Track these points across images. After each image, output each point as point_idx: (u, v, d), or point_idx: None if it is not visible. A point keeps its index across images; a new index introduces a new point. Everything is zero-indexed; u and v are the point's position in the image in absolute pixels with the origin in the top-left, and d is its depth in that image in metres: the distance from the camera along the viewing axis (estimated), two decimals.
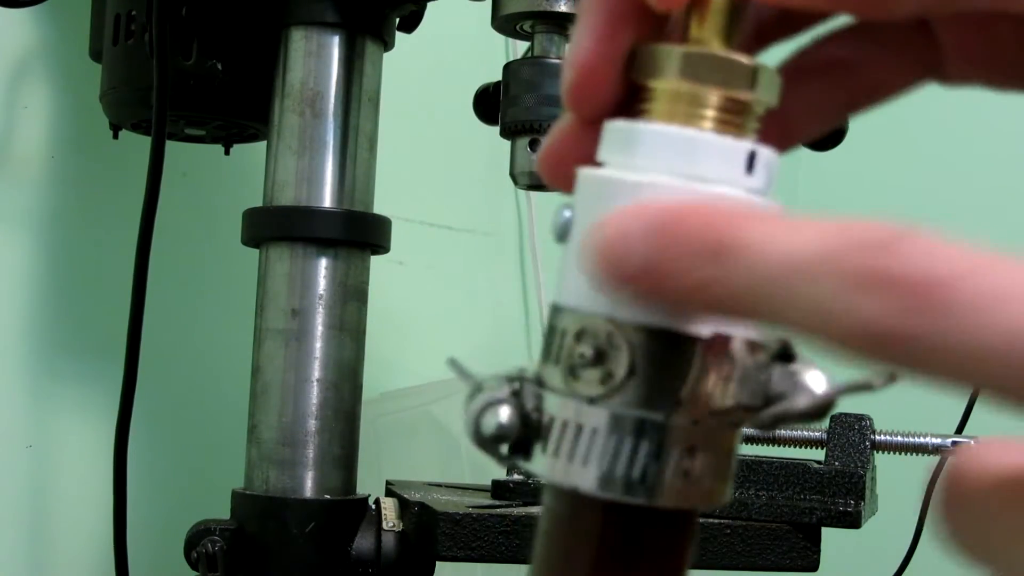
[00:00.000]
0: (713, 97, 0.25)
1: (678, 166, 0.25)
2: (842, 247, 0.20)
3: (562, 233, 0.26)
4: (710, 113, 0.25)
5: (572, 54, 0.28)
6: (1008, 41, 0.27)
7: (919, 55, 0.28)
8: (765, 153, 0.26)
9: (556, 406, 0.26)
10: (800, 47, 0.29)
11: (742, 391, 0.25)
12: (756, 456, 0.71)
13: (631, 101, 0.27)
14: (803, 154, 0.73)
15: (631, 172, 0.25)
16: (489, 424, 0.26)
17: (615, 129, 0.26)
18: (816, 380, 0.25)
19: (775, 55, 0.29)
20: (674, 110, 0.26)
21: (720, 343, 0.25)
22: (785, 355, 0.26)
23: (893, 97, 0.29)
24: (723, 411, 0.25)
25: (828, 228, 0.21)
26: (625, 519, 0.25)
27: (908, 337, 0.19)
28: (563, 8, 0.69)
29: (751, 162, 0.25)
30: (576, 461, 0.25)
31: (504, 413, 0.26)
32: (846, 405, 0.76)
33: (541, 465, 0.26)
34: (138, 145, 0.75)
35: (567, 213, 0.26)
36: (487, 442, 0.26)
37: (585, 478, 0.25)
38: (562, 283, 0.26)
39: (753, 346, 0.25)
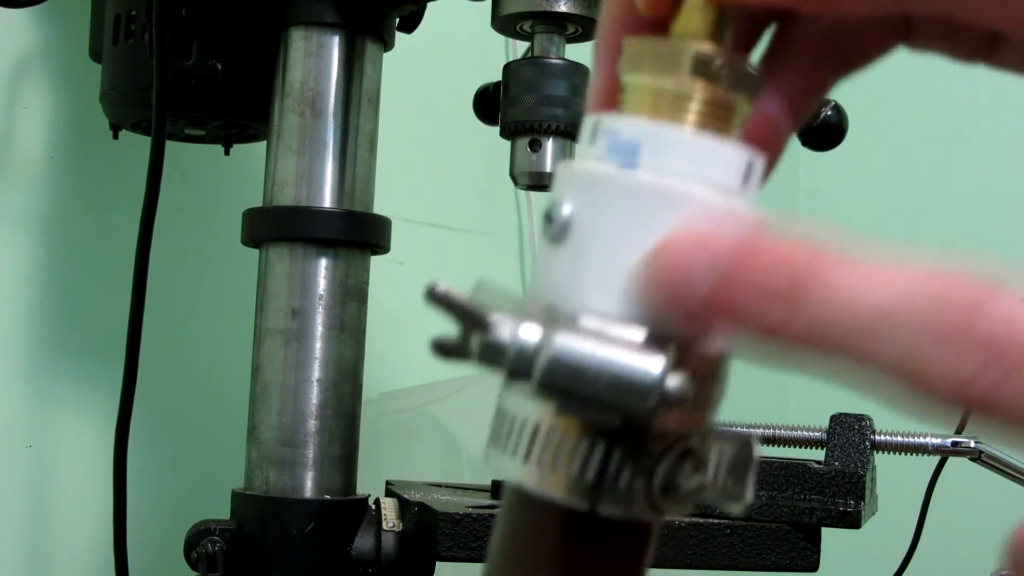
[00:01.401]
0: (706, 95, 0.25)
1: (699, 172, 0.24)
2: (928, 302, 0.20)
3: (560, 232, 0.25)
4: (708, 111, 0.25)
5: None
6: (967, 25, 0.28)
7: (892, 25, 0.29)
8: (758, 161, 0.26)
9: (525, 408, 0.25)
10: (785, 28, 0.29)
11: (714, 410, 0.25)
12: None
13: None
14: (803, 154, 0.73)
15: (657, 176, 0.24)
16: (681, 391, 0.24)
17: (630, 126, 0.25)
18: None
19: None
20: (664, 106, 0.25)
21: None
22: None
23: (872, 63, 0.30)
24: (695, 426, 0.25)
25: (910, 279, 0.21)
26: (590, 527, 0.25)
27: (1003, 401, 0.19)
28: (563, 8, 0.69)
29: (749, 172, 0.25)
30: (545, 467, 0.24)
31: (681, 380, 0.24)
32: (846, 405, 0.76)
33: (510, 470, 0.25)
34: (138, 145, 0.75)
35: (566, 210, 0.25)
36: (671, 405, 0.24)
37: (555, 485, 0.24)
38: (548, 282, 0.25)
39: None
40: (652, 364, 0.23)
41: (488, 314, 0.24)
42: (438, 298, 0.24)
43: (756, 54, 0.29)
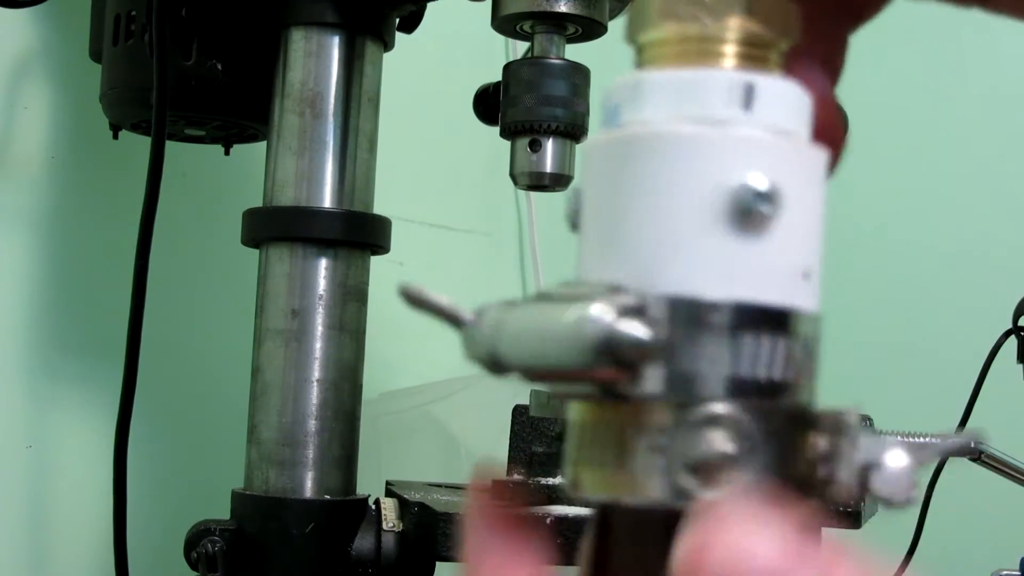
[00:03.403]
0: (701, 32, 0.24)
1: (678, 109, 0.23)
2: None
3: (574, 217, 0.24)
4: (721, 49, 0.24)
5: None
6: None
7: None
8: (770, 83, 0.23)
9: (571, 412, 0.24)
10: None
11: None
12: None
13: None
14: None
15: (633, 127, 0.23)
16: (635, 336, 0.22)
17: (616, 87, 0.24)
18: (899, 455, 0.23)
19: None
20: (677, 52, 0.24)
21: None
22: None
23: (878, 13, 0.29)
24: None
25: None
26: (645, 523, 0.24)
27: None
28: (563, 8, 0.69)
29: (749, 94, 0.23)
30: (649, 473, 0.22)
31: (640, 325, 0.22)
32: (845, 404, 0.76)
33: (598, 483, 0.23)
34: (138, 145, 0.75)
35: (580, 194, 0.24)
36: (628, 357, 0.22)
37: (655, 488, 0.22)
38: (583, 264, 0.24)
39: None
40: (600, 312, 0.22)
41: (459, 310, 0.24)
42: (411, 298, 0.24)
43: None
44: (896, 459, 0.23)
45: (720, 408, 0.22)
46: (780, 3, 0.24)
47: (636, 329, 0.22)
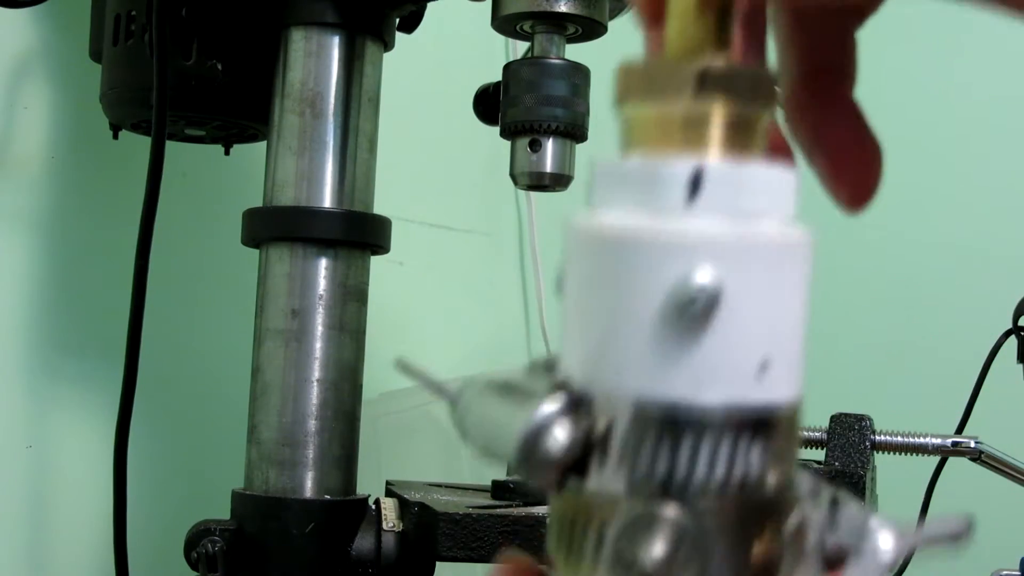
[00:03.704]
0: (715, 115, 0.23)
1: (634, 200, 0.22)
2: None
3: (559, 285, 0.24)
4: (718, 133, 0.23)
5: None
6: None
7: None
8: (729, 167, 0.22)
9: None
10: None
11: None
12: None
13: None
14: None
15: (594, 216, 0.23)
16: (551, 446, 0.22)
17: (592, 167, 0.24)
18: (886, 539, 0.22)
19: None
20: (672, 135, 0.23)
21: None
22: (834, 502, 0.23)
23: (882, 5, 0.29)
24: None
25: None
26: None
27: None
28: (563, 8, 0.69)
29: (696, 183, 0.22)
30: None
31: (564, 433, 0.22)
32: (847, 405, 0.76)
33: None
34: (138, 145, 0.75)
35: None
36: (542, 466, 0.22)
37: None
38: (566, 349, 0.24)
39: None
40: (532, 415, 0.22)
41: (446, 385, 0.25)
42: (405, 370, 0.25)
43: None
44: (883, 543, 0.23)
45: (658, 509, 0.22)
46: (749, 72, 0.23)
47: (560, 434, 0.22)
